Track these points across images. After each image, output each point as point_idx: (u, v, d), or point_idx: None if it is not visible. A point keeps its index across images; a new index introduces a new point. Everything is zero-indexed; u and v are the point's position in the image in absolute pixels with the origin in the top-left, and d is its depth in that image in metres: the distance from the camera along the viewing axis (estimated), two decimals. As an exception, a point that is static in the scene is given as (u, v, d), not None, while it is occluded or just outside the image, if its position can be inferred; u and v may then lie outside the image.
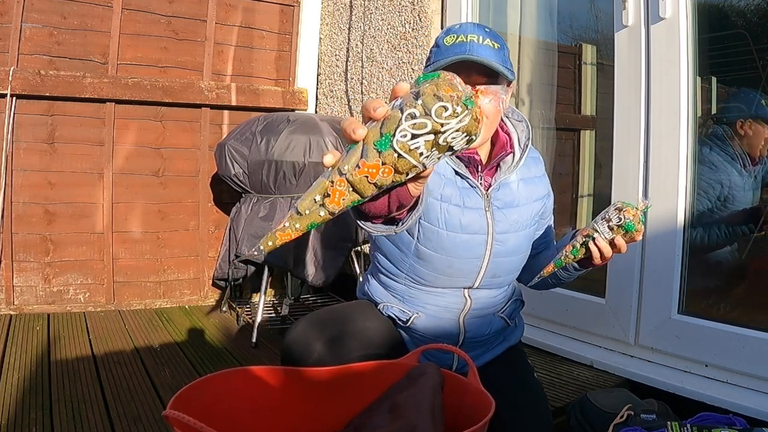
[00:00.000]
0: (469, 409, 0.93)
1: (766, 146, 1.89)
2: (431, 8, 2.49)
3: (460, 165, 1.21)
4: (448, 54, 1.11)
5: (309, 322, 1.20)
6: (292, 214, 0.65)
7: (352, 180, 0.61)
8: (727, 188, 1.86)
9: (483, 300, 1.29)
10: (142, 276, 2.82)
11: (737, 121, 1.87)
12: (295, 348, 1.15)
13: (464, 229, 1.20)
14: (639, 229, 1.10)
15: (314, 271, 2.41)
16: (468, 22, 1.20)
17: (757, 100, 1.86)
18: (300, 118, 2.54)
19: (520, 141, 1.27)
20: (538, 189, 1.30)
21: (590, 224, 1.15)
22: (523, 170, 1.28)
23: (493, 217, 1.22)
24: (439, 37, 1.17)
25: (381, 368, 1.05)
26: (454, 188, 1.20)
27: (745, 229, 1.86)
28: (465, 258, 1.22)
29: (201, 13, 2.89)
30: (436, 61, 1.13)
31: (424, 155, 0.60)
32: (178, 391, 0.85)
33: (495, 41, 1.13)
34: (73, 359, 2.06)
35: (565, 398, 1.70)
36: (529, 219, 1.28)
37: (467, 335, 1.29)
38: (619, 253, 1.14)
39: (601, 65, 2.39)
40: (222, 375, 0.95)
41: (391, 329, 1.30)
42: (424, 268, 1.24)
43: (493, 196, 1.23)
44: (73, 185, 2.66)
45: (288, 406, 1.00)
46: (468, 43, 1.10)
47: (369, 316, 1.28)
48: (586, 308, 2.03)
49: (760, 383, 1.57)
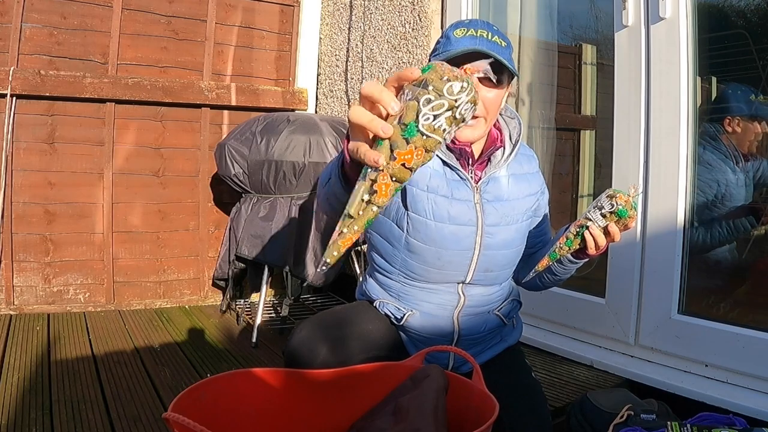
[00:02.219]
0: (473, 411, 0.93)
1: (755, 142, 1.89)
2: (431, 8, 2.49)
3: (451, 157, 1.23)
4: (459, 45, 1.12)
5: (311, 326, 1.20)
6: (345, 219, 0.71)
7: (392, 172, 0.68)
8: (724, 186, 1.86)
9: (477, 297, 1.29)
10: (142, 276, 2.82)
11: (726, 119, 1.87)
12: (299, 352, 1.15)
13: (452, 220, 1.21)
14: (632, 215, 1.11)
15: (314, 271, 2.41)
16: (477, 19, 1.23)
17: (745, 96, 1.86)
18: (300, 118, 2.54)
19: (512, 137, 1.29)
20: (530, 185, 1.31)
21: (583, 214, 1.16)
22: (515, 166, 1.29)
23: (483, 209, 1.23)
24: (448, 30, 1.18)
25: (384, 370, 1.05)
26: (442, 179, 1.22)
27: (743, 226, 1.86)
28: (454, 250, 1.22)
29: (201, 13, 2.89)
30: (446, 51, 1.14)
31: (446, 131, 0.68)
32: (179, 393, 0.85)
33: (503, 39, 1.16)
34: (73, 359, 2.06)
35: (565, 398, 1.70)
36: (520, 214, 1.29)
37: (462, 333, 1.29)
38: (613, 242, 1.15)
39: (601, 65, 2.39)
40: (224, 377, 0.95)
41: (392, 330, 1.31)
42: (415, 261, 1.24)
43: (483, 189, 1.24)
44: (73, 185, 2.66)
45: (291, 408, 0.99)
46: (478, 37, 1.13)
47: (370, 318, 1.28)
48: (586, 308, 2.03)
49: (760, 383, 1.57)
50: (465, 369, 1.29)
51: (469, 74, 0.70)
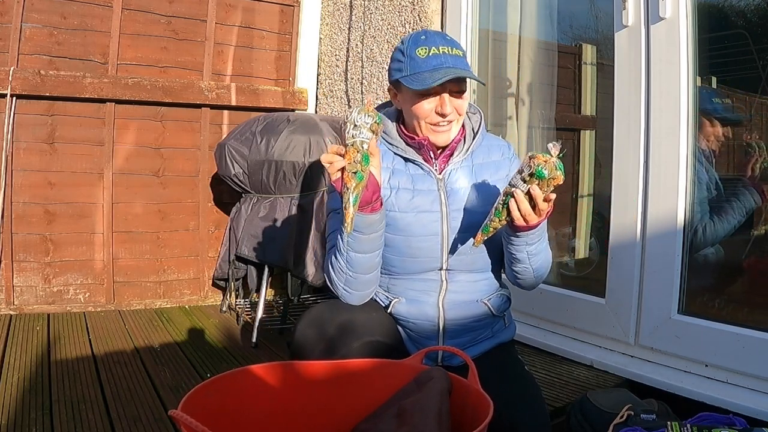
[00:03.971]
0: (470, 410, 0.93)
1: (717, 142, 1.91)
2: (431, 8, 2.49)
3: (411, 152, 1.33)
4: (427, 66, 1.23)
5: (310, 319, 1.26)
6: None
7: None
8: (714, 185, 1.88)
9: (462, 284, 1.34)
10: (142, 276, 2.82)
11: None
12: (302, 345, 1.22)
13: (416, 208, 1.30)
14: (555, 176, 1.10)
15: (314, 271, 2.41)
16: (429, 31, 1.31)
17: (708, 97, 1.88)
18: (300, 118, 2.54)
19: (474, 129, 1.38)
20: (496, 173, 1.37)
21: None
22: (481, 156, 1.38)
23: (447, 197, 1.31)
24: (409, 48, 1.27)
25: (385, 368, 1.06)
26: (404, 175, 1.33)
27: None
28: (420, 236, 1.30)
29: (201, 13, 2.89)
30: (417, 73, 1.24)
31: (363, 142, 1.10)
32: (188, 392, 0.85)
33: (459, 49, 1.28)
34: (73, 359, 2.06)
35: (565, 398, 1.70)
36: (485, 198, 1.32)
37: (447, 317, 1.33)
38: (544, 209, 1.15)
39: (601, 65, 2.39)
40: (230, 375, 0.95)
41: (390, 317, 1.35)
42: (390, 254, 1.32)
43: (447, 178, 1.33)
44: (73, 185, 2.66)
45: (294, 406, 1.00)
46: (442, 55, 1.24)
47: (366, 307, 1.32)
48: (586, 308, 2.03)
49: (760, 383, 1.57)
50: (455, 362, 1.32)
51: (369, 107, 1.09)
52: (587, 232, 2.47)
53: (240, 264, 2.64)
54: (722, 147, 1.93)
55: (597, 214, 2.40)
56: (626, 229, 1.89)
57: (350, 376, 1.03)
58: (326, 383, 1.02)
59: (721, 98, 1.92)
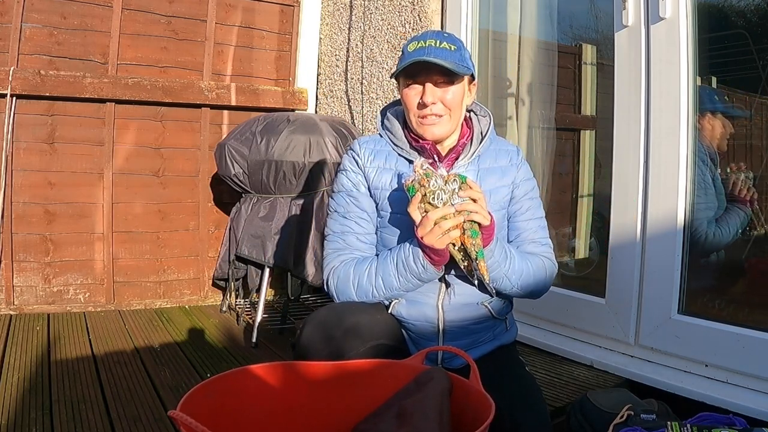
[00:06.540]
0: (471, 411, 0.93)
1: (723, 141, 1.90)
2: (431, 8, 2.49)
3: (413, 154, 1.33)
4: (409, 58, 1.26)
5: (315, 323, 1.25)
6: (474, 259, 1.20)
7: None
8: (711, 185, 1.88)
9: (462, 286, 1.32)
10: (142, 276, 2.82)
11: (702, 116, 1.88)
12: (307, 349, 1.21)
13: None
14: (459, 181, 1.18)
15: (314, 271, 2.41)
16: (429, 30, 1.35)
17: (711, 95, 1.88)
18: (300, 118, 2.54)
19: (483, 133, 1.38)
20: (501, 179, 1.37)
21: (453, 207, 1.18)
22: (487, 160, 1.37)
23: None
24: (405, 45, 1.32)
25: (385, 368, 1.06)
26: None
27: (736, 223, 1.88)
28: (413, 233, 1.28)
29: (201, 13, 2.89)
30: (401, 66, 1.28)
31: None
32: (187, 391, 0.85)
33: (452, 44, 1.28)
34: (73, 359, 2.06)
35: (565, 398, 1.70)
36: (491, 203, 1.31)
37: (446, 321, 1.32)
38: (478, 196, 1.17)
39: (601, 65, 2.39)
40: (230, 374, 0.95)
41: (393, 318, 1.35)
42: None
43: None
44: (73, 185, 2.66)
45: (296, 402, 1.01)
46: (426, 47, 1.26)
47: (371, 309, 1.31)
48: (586, 308, 2.03)
49: (760, 383, 1.57)
50: (455, 363, 1.32)
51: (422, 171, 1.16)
52: (587, 232, 2.47)
53: (240, 264, 2.64)
54: (725, 144, 1.92)
55: (597, 214, 2.40)
56: (626, 229, 1.89)
57: (350, 376, 1.03)
58: (326, 383, 1.02)
59: (720, 97, 1.92)
